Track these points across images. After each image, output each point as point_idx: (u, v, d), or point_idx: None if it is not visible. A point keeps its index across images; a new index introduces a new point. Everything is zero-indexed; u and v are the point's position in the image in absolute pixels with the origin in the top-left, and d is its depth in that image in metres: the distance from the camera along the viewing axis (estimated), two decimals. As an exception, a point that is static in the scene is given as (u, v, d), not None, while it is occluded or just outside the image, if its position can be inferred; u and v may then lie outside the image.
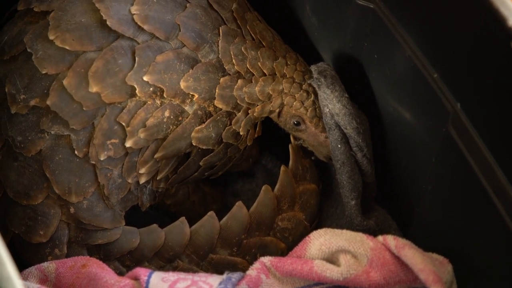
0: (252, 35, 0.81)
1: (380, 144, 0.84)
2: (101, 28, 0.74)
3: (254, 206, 0.83)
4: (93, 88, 0.73)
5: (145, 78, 0.74)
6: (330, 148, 0.84)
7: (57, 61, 0.73)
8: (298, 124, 0.85)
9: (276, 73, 0.81)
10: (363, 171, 0.84)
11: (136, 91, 0.74)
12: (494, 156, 0.64)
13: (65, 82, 0.73)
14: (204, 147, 0.80)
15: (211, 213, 0.82)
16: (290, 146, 0.88)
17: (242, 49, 0.79)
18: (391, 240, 0.70)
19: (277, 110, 0.83)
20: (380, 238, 0.71)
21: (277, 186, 0.85)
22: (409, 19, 0.72)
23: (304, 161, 0.89)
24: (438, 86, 0.69)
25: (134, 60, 0.74)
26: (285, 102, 0.83)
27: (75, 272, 0.72)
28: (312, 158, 0.90)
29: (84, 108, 0.73)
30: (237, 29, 0.80)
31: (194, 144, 0.79)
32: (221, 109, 0.79)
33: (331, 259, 0.72)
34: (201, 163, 0.82)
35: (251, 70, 0.80)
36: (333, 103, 0.81)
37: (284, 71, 0.82)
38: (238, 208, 0.83)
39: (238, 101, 0.80)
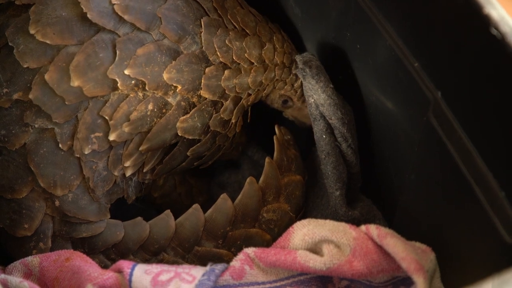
0: (234, 24, 0.81)
1: (364, 134, 0.84)
2: (82, 21, 0.73)
3: (239, 198, 0.84)
4: (75, 82, 0.73)
5: (126, 72, 0.74)
6: (315, 139, 0.84)
7: (39, 55, 0.73)
8: (285, 102, 0.87)
9: (266, 61, 0.82)
10: (348, 161, 0.84)
11: (118, 85, 0.74)
12: (474, 144, 0.64)
13: (46, 76, 0.72)
14: (190, 137, 0.80)
15: (196, 206, 0.82)
16: (274, 137, 0.88)
17: (226, 42, 0.79)
18: (373, 230, 0.71)
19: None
20: (363, 227, 0.72)
21: (262, 178, 0.85)
22: (390, 9, 0.72)
23: (289, 152, 0.89)
24: (419, 75, 0.69)
25: (115, 53, 0.74)
26: (276, 87, 0.85)
27: (59, 265, 0.73)
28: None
29: (66, 102, 0.73)
30: (219, 19, 0.80)
31: (180, 134, 0.79)
32: (205, 98, 0.79)
33: (315, 249, 0.72)
34: (188, 153, 0.82)
35: (237, 61, 0.80)
36: (318, 94, 0.81)
37: (275, 57, 0.82)
38: (223, 200, 0.83)
39: (226, 91, 0.80)
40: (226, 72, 0.79)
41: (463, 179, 0.65)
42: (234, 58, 0.80)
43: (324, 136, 0.83)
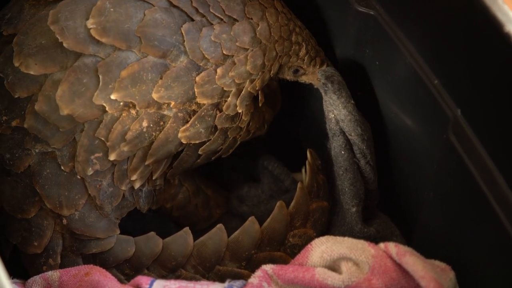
0: (219, 16, 0.77)
1: (382, 151, 0.83)
2: (62, 47, 0.72)
3: (267, 221, 0.83)
4: (64, 111, 0.72)
5: (112, 97, 0.73)
6: (332, 154, 0.84)
7: (27, 85, 0.73)
8: (296, 71, 0.85)
9: (263, 41, 0.79)
10: (365, 178, 0.84)
11: (107, 109, 0.73)
12: (495, 162, 0.63)
13: (36, 107, 0.72)
14: (197, 142, 0.78)
15: (220, 226, 0.81)
16: (307, 162, 0.88)
17: (212, 39, 0.76)
18: (392, 247, 0.70)
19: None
20: (382, 245, 0.71)
21: (292, 203, 0.84)
22: (410, 26, 0.72)
23: (318, 178, 0.88)
24: (439, 92, 0.69)
25: (99, 77, 0.72)
26: (282, 63, 0.82)
27: (78, 280, 0.73)
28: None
29: (60, 129, 0.73)
30: (202, 18, 0.77)
31: (184, 143, 0.77)
32: (204, 103, 0.77)
33: (333, 266, 0.72)
34: (200, 152, 0.80)
35: (228, 54, 0.77)
36: (339, 109, 0.81)
37: (272, 35, 0.79)
38: (251, 223, 0.82)
39: (225, 89, 0.77)
40: (218, 70, 0.77)
41: (483, 197, 0.64)
42: (224, 52, 0.77)
43: (343, 152, 0.82)
